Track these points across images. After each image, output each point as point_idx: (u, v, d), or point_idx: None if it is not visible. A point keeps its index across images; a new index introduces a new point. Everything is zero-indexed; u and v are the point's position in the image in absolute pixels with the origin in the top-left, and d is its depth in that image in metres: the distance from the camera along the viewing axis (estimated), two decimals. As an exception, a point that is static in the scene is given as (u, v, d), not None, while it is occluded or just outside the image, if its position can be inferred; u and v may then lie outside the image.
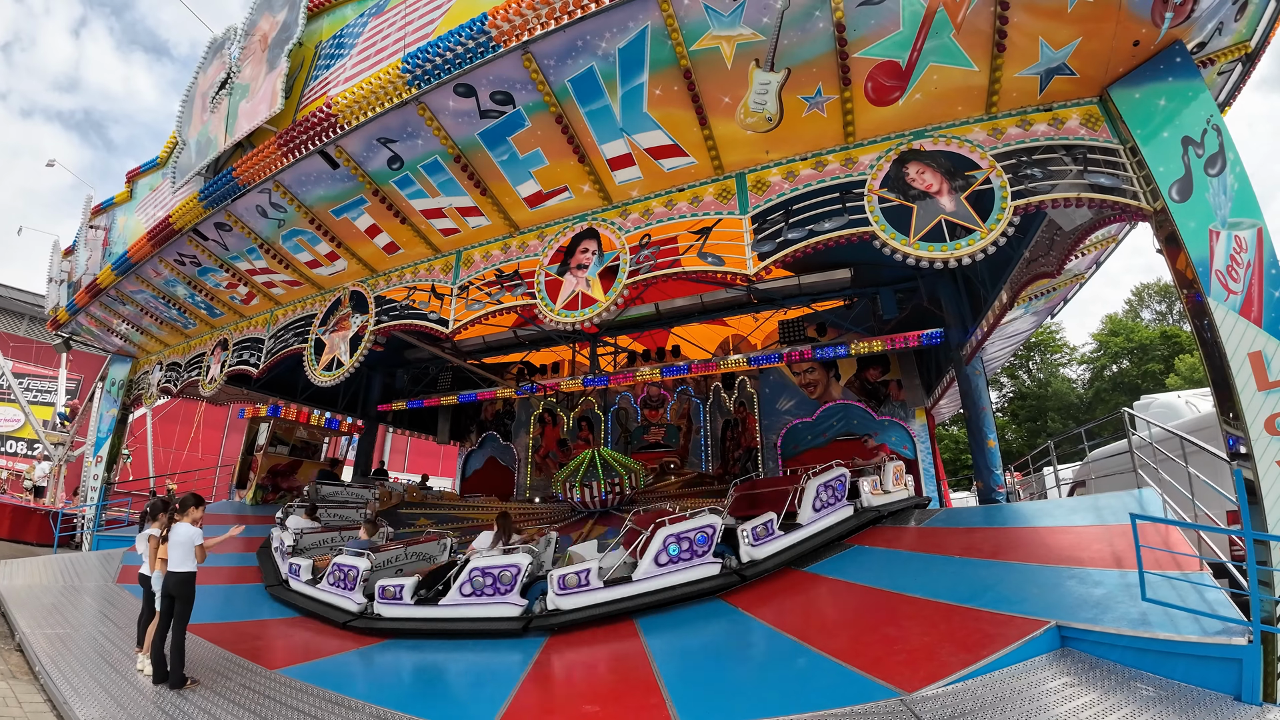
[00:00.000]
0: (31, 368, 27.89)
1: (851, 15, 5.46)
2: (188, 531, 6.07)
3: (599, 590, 7.03)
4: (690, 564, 7.15)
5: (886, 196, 6.19)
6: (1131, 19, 5.11)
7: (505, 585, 7.25)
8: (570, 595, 7.03)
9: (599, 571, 7.14)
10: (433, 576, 7.89)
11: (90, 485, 14.76)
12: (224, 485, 23.90)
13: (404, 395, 17.26)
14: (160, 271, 10.92)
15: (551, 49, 6.08)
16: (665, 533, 7.21)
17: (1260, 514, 4.49)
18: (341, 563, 8.42)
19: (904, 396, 12.85)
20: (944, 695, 4.24)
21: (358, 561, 8.29)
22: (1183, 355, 34.80)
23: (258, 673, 6.28)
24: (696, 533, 7.23)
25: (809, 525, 7.86)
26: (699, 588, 7.06)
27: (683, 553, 7.17)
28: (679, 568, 7.13)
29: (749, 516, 7.76)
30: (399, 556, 9.13)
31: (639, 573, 7.10)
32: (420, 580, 7.75)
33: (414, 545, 9.45)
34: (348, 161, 7.69)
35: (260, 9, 8.55)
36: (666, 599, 6.98)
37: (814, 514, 7.96)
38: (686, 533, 7.23)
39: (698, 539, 7.22)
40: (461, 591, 7.35)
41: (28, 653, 6.98)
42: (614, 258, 7.35)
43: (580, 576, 7.07)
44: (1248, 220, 4.94)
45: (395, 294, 9.27)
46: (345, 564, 8.36)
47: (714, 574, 7.17)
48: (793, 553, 7.55)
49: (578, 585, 7.05)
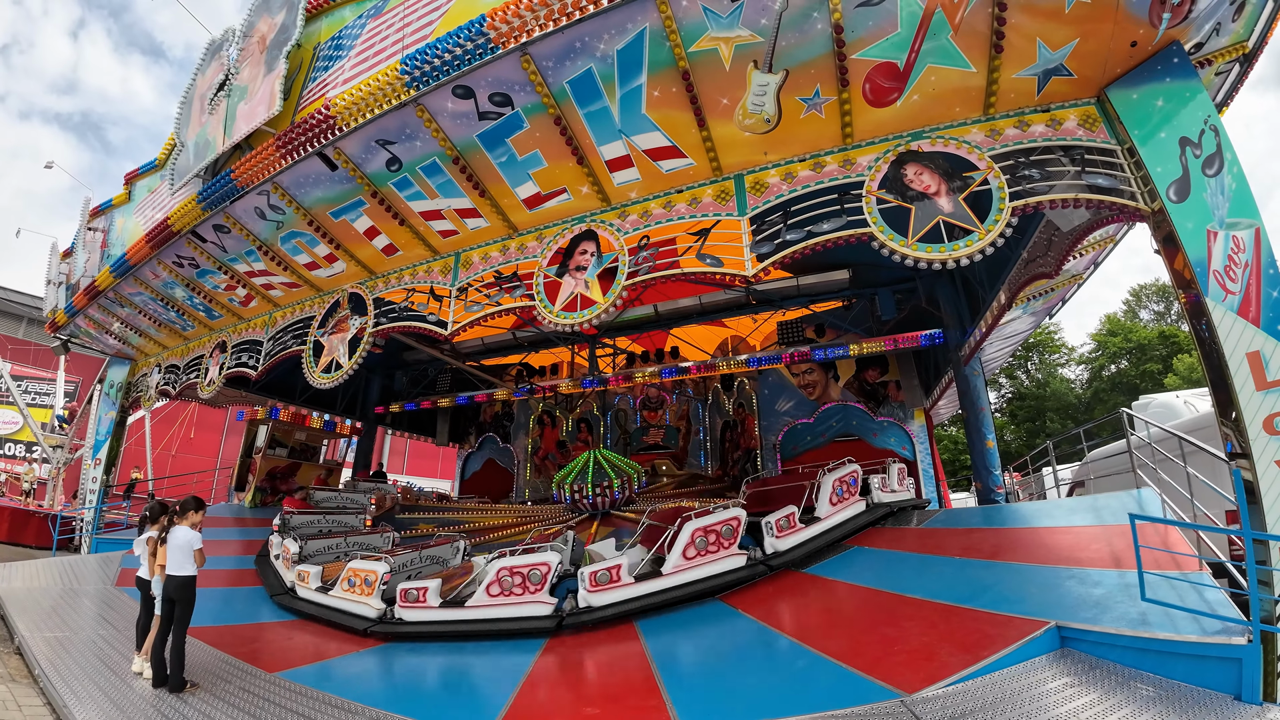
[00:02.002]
0: (30, 370, 27.86)
1: (849, 17, 5.47)
2: (186, 535, 6.06)
3: (630, 586, 7.05)
4: (717, 556, 7.27)
5: (885, 198, 6.20)
6: (1129, 20, 5.12)
7: (534, 584, 7.20)
8: (602, 592, 7.04)
9: (629, 567, 7.18)
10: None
11: (89, 488, 14.73)
12: (223, 488, 23.87)
13: (403, 397, 17.24)
14: (158, 273, 10.91)
15: (550, 50, 6.09)
16: (692, 526, 7.31)
17: (1259, 513, 4.50)
18: (357, 568, 8.24)
19: (903, 397, 12.84)
20: (944, 696, 4.24)
21: (376, 566, 8.10)
22: (1181, 355, 34.86)
23: (257, 676, 6.26)
24: (723, 525, 7.36)
25: (827, 518, 8.06)
26: (727, 579, 7.16)
27: (710, 545, 7.30)
28: (706, 560, 7.24)
29: (763, 512, 7.88)
30: (413, 561, 9.01)
31: (668, 566, 7.18)
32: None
33: (428, 549, 9.38)
34: (346, 163, 7.69)
35: (258, 10, 8.55)
36: (696, 591, 7.08)
37: (831, 508, 8.17)
38: (714, 526, 7.35)
39: (724, 531, 7.36)
40: (489, 592, 7.27)
41: (27, 656, 6.96)
42: (613, 259, 7.36)
43: (611, 572, 7.10)
44: (1245, 220, 4.95)
45: (394, 296, 9.26)
46: (362, 569, 8.18)
47: (740, 565, 7.29)
48: (813, 544, 7.73)
49: (609, 581, 7.08)
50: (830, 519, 8.06)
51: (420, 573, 8.85)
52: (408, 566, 8.85)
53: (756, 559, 7.42)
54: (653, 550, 7.57)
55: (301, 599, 8.81)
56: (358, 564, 8.32)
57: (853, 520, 8.22)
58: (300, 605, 8.70)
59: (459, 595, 7.57)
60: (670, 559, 7.20)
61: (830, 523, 8.03)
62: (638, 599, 6.99)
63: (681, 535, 7.27)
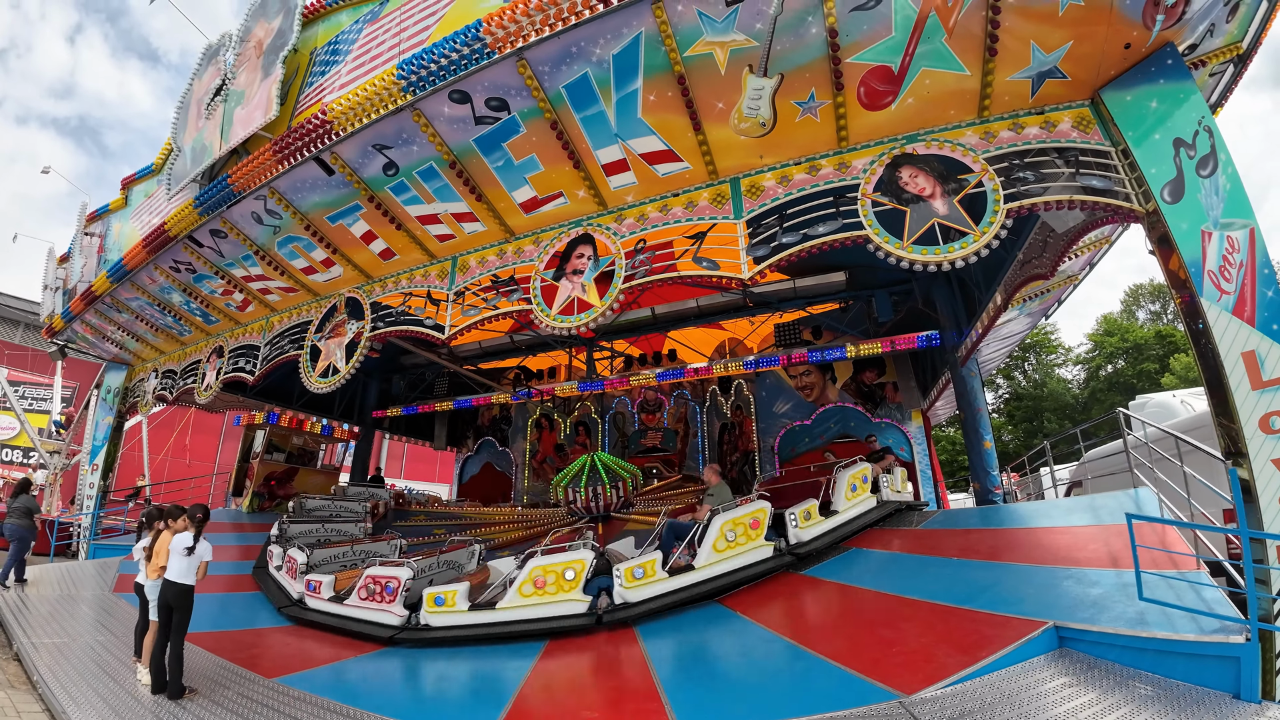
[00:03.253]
0: (27, 375, 27.80)
1: (844, 21, 5.49)
2: (183, 541, 6.05)
3: (664, 580, 7.14)
4: (745, 548, 7.45)
5: (880, 200, 6.22)
6: (1123, 22, 5.14)
7: (569, 582, 7.18)
8: (640, 587, 7.10)
9: (662, 561, 7.26)
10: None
11: (86, 493, 14.69)
12: (220, 493, 23.80)
13: (400, 401, 17.19)
14: (155, 278, 10.90)
15: (546, 55, 6.10)
16: (721, 519, 7.47)
17: (1256, 512, 4.51)
18: (377, 574, 8.05)
19: (900, 399, 12.86)
20: (943, 697, 4.25)
21: (398, 572, 7.94)
22: (1178, 355, 34.91)
23: (256, 682, 6.25)
24: (749, 518, 7.58)
25: (845, 511, 8.36)
26: (758, 569, 7.37)
27: (739, 537, 7.48)
28: (737, 552, 7.41)
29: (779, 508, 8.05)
30: (431, 566, 8.83)
31: (700, 560, 7.29)
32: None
33: (445, 554, 9.25)
34: (343, 168, 7.69)
35: (255, 15, 8.56)
36: (729, 583, 7.23)
37: (846, 502, 8.44)
38: (742, 518, 7.55)
39: (750, 524, 7.56)
40: (522, 592, 7.21)
41: (25, 662, 6.94)
42: (609, 263, 7.37)
43: (645, 568, 7.17)
44: (1240, 221, 4.97)
45: (391, 300, 9.26)
46: (382, 575, 8.00)
47: (769, 556, 7.50)
48: (833, 536, 8.03)
49: (645, 577, 7.15)
50: (848, 512, 8.39)
51: (437, 578, 8.65)
52: (426, 572, 8.65)
53: (783, 549, 7.65)
54: (682, 547, 7.57)
55: (314, 610, 8.54)
56: (377, 570, 8.13)
57: (866, 515, 8.50)
58: (312, 616, 8.45)
59: (490, 598, 7.55)
60: (701, 552, 7.33)
61: (846, 516, 8.34)
62: (672, 593, 7.09)
63: (711, 529, 7.43)
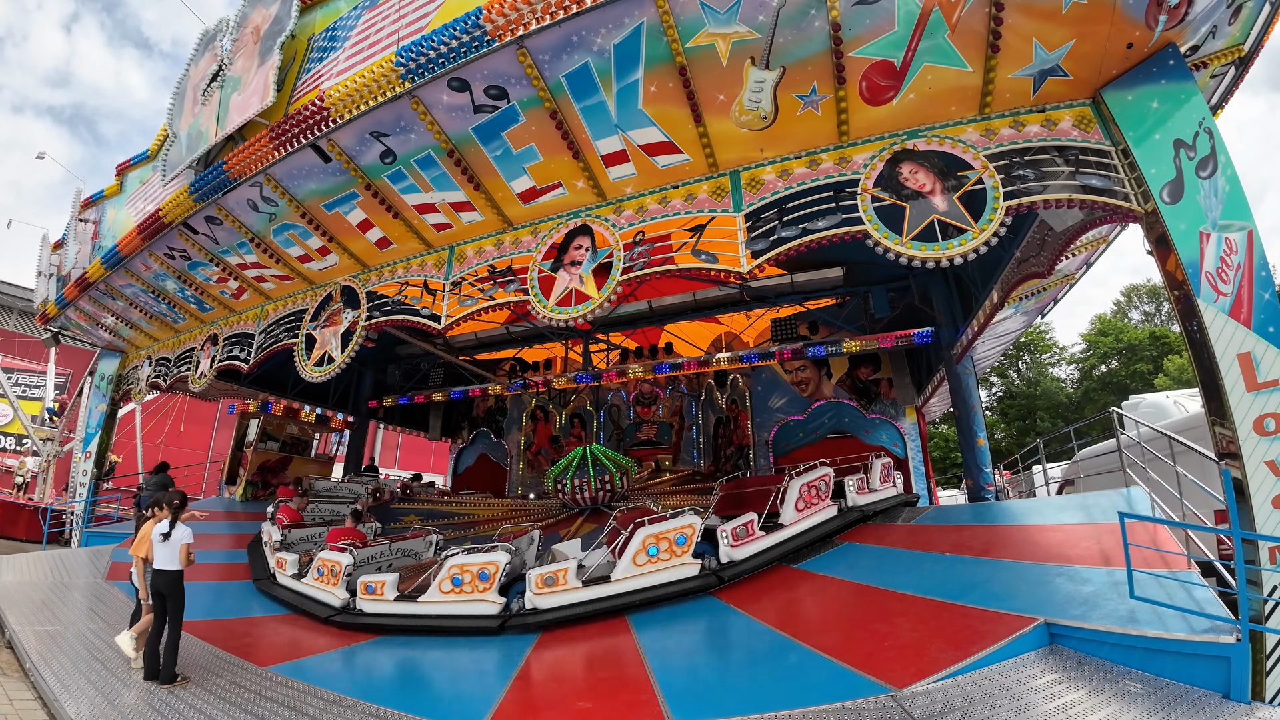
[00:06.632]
0: (20, 362, 27.63)
1: (847, 14, 5.46)
2: (160, 528, 6.02)
3: (576, 590, 7.01)
4: (669, 564, 7.13)
5: (880, 196, 6.21)
6: (1125, 21, 5.13)
7: (484, 582, 7.23)
8: (549, 594, 7.02)
9: (578, 571, 7.13)
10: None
11: (79, 481, 14.62)
12: (214, 481, 23.76)
13: (395, 391, 17.16)
14: (150, 265, 10.81)
15: (546, 44, 6.05)
16: (644, 533, 7.21)
17: (1248, 513, 4.53)
18: (326, 557, 8.42)
19: (895, 395, 12.88)
20: (934, 691, 4.27)
21: (341, 557, 8.30)
22: (1171, 356, 35.10)
23: (248, 670, 6.24)
24: (676, 533, 7.21)
25: (791, 525, 7.83)
26: (677, 588, 7.05)
27: (662, 553, 7.15)
28: (657, 568, 7.11)
29: (732, 516, 7.73)
30: (384, 553, 9.11)
31: (617, 573, 7.09)
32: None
33: (399, 541, 9.44)
34: (340, 155, 7.63)
35: (253, 1, 8.46)
36: (644, 599, 6.98)
37: (796, 514, 7.92)
38: (666, 533, 7.22)
39: (676, 539, 7.20)
40: (441, 588, 7.33)
41: (17, 650, 6.91)
42: (607, 254, 7.34)
43: (558, 576, 7.07)
44: (1238, 222, 4.97)
45: (387, 289, 9.21)
46: (329, 559, 8.36)
47: (693, 574, 7.13)
48: (773, 554, 7.52)
49: (555, 584, 7.05)
50: (794, 526, 7.85)
51: (390, 565, 8.94)
52: (377, 558, 8.97)
53: (710, 569, 7.25)
54: (609, 552, 7.49)
55: (280, 585, 9.09)
56: (326, 554, 8.49)
57: (821, 527, 8.02)
58: (278, 591, 8.96)
59: (416, 590, 7.64)
60: (620, 565, 7.13)
61: (792, 531, 7.81)
62: (583, 604, 6.96)
63: (633, 542, 7.19)
